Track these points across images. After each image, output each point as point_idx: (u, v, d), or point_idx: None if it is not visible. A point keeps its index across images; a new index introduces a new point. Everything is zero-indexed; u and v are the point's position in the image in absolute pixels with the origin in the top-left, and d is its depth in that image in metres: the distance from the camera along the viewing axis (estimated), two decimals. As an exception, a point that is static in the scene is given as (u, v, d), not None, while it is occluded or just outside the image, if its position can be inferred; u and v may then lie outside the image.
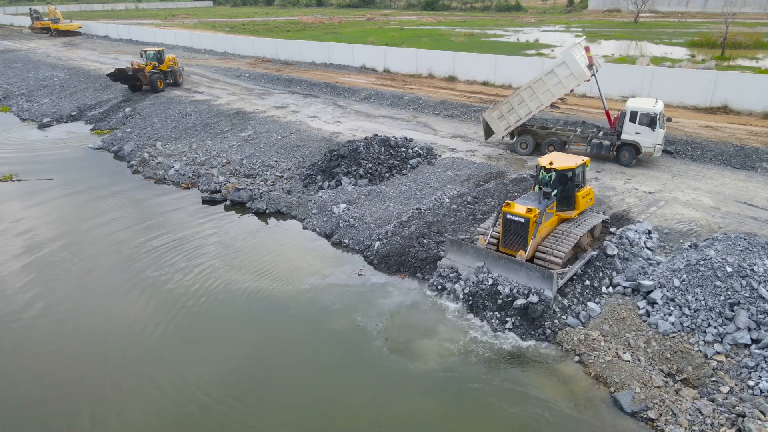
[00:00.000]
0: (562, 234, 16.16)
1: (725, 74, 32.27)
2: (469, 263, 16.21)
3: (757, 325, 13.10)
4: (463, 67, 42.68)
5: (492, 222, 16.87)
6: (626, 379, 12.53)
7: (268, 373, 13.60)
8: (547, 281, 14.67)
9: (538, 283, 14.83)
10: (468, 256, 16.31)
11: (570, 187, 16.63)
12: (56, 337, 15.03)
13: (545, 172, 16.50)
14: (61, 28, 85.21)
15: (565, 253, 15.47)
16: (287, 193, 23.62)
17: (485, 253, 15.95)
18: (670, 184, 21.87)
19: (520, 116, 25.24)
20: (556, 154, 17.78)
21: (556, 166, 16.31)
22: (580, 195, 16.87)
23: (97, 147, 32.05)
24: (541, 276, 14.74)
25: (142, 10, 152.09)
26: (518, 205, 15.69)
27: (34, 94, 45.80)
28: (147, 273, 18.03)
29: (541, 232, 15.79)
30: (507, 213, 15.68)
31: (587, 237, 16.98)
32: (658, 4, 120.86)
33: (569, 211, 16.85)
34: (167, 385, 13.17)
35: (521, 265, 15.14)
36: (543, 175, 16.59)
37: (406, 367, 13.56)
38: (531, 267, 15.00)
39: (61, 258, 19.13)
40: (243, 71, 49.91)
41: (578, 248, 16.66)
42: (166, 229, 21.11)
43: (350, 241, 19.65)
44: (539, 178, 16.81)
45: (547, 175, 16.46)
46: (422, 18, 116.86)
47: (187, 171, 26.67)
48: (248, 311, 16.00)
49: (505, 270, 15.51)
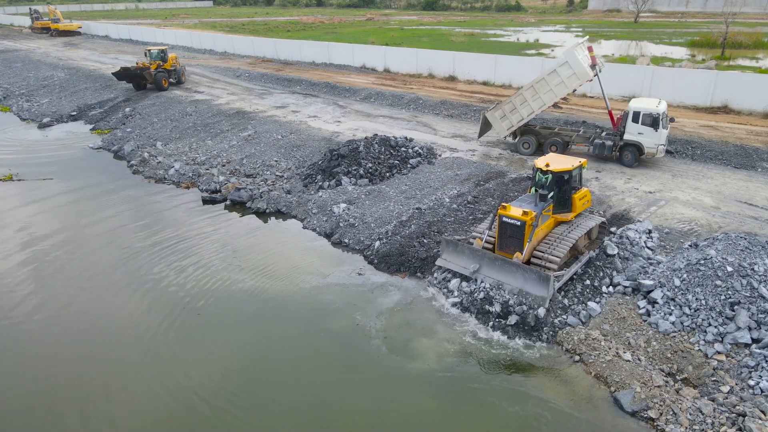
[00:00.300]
0: (558, 237, 15.89)
1: (725, 74, 32.27)
2: (465, 264, 15.97)
3: (757, 325, 13.10)
4: (464, 67, 42.68)
5: (488, 225, 16.67)
6: (627, 379, 12.52)
7: (266, 372, 13.58)
8: (543, 284, 14.47)
9: (534, 286, 14.62)
10: (464, 256, 16.06)
11: (566, 189, 16.40)
12: (53, 336, 15.02)
13: (541, 174, 16.26)
14: (61, 28, 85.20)
15: (561, 257, 15.23)
16: (287, 193, 23.61)
17: (481, 254, 15.71)
18: (670, 184, 21.86)
19: (522, 116, 25.17)
20: (553, 155, 17.58)
21: (553, 168, 16.07)
22: (576, 197, 16.64)
23: (97, 147, 32.04)
24: (538, 278, 14.53)
25: (142, 10, 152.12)
26: (514, 208, 15.51)
27: (34, 94, 45.79)
28: (146, 272, 18.01)
29: (537, 235, 15.57)
30: (503, 216, 15.47)
31: (584, 239, 16.74)
32: (658, 4, 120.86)
33: (566, 214, 16.60)
34: (166, 384, 13.14)
35: (517, 267, 14.92)
36: (539, 177, 16.35)
37: (406, 367, 13.55)
38: (527, 269, 14.78)
39: (60, 257, 19.12)
40: (243, 71, 49.91)
41: (575, 251, 16.44)
42: (165, 229, 21.10)
43: (350, 240, 19.64)
44: (535, 180, 16.62)
45: (543, 177, 16.21)
46: (422, 18, 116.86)
47: (188, 171, 26.67)
48: (247, 311, 15.99)
49: (501, 272, 15.28)
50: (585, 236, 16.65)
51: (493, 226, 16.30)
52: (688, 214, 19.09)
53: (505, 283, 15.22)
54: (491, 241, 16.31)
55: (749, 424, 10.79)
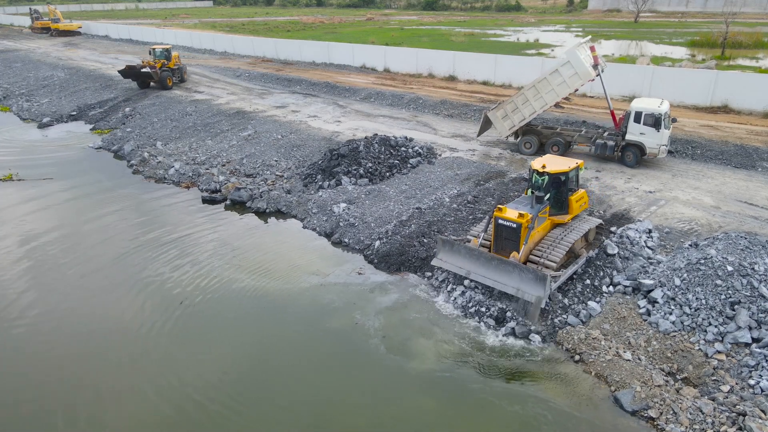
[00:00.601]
0: (555, 239, 15.77)
1: (725, 74, 32.23)
2: (461, 264, 15.78)
3: (757, 324, 13.08)
4: (464, 67, 42.65)
5: (483, 227, 16.50)
6: (627, 378, 12.51)
7: (265, 372, 13.57)
8: (540, 284, 14.31)
9: (531, 286, 14.46)
10: (459, 256, 15.85)
11: (563, 191, 16.27)
12: (50, 335, 14.98)
13: (538, 176, 16.05)
14: (61, 28, 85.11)
15: (558, 260, 15.12)
16: (287, 193, 23.60)
17: (477, 254, 15.48)
18: (670, 184, 21.85)
19: (524, 116, 25.10)
20: (550, 156, 17.42)
21: (549, 169, 15.88)
22: (573, 199, 16.47)
23: (97, 146, 32.03)
24: (535, 278, 14.37)
25: (142, 10, 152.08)
26: (510, 210, 15.34)
27: (34, 94, 45.78)
28: (145, 272, 17.99)
29: (533, 237, 15.44)
30: (498, 218, 15.27)
31: (581, 242, 16.61)
32: (658, 4, 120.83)
33: (563, 216, 16.49)
34: (160, 385, 13.10)
35: (514, 267, 14.73)
36: (535, 178, 16.17)
37: (405, 367, 13.53)
38: (524, 268, 14.58)
39: (59, 256, 19.09)
40: (243, 71, 49.89)
41: (571, 253, 16.26)
42: (165, 228, 21.08)
43: (350, 240, 19.63)
44: (532, 182, 16.44)
45: (539, 179, 16.00)
46: (422, 18, 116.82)
47: (187, 170, 26.66)
48: (247, 310, 15.97)
49: (497, 272, 15.05)
50: (582, 239, 16.52)
51: (488, 228, 16.15)
52: (688, 213, 19.07)
53: (500, 284, 14.97)
54: (487, 244, 16.17)
55: (749, 423, 10.78)
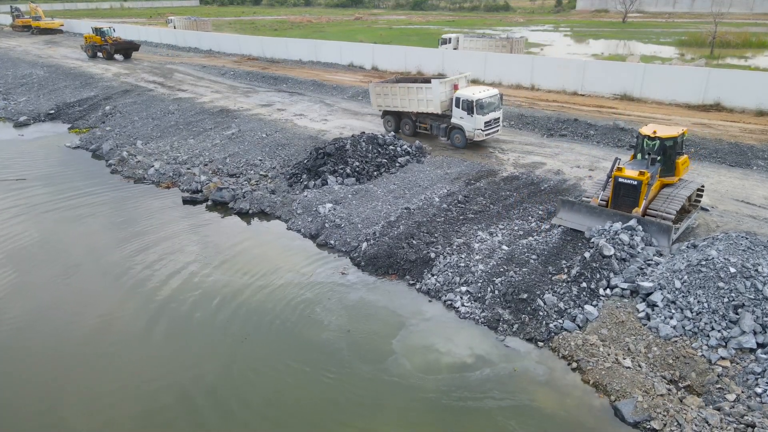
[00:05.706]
0: (669, 196, 17.28)
1: (717, 71, 31.82)
2: (582, 221, 17.42)
3: (762, 329, 12.46)
4: (453, 65, 41.99)
5: (602, 186, 17.97)
6: (627, 387, 11.84)
7: (247, 377, 12.74)
8: (664, 234, 15.98)
9: (656, 236, 16.12)
10: (580, 214, 17.57)
11: (671, 154, 17.68)
12: (27, 338, 14.08)
13: (649, 140, 17.52)
14: (42, 26, 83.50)
15: (675, 212, 16.60)
16: (271, 193, 22.73)
17: (599, 211, 17.18)
18: (665, 182, 21.32)
19: (388, 104, 28.18)
20: (656, 125, 18.43)
21: (660, 134, 17.32)
22: (680, 162, 17.89)
23: (74, 146, 30.87)
24: (659, 229, 16.10)
25: (127, 9, 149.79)
26: (629, 170, 17.02)
27: (11, 92, 44.38)
28: (122, 276, 17.06)
29: (648, 195, 16.99)
30: (618, 177, 16.97)
31: (687, 200, 17.93)
32: (645, 4, 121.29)
33: (671, 177, 17.91)
34: (138, 389, 12.36)
35: (638, 221, 16.40)
36: (647, 143, 17.67)
37: (395, 374, 12.77)
38: (647, 221, 16.33)
39: (34, 260, 18.10)
40: (228, 69, 48.87)
41: (682, 210, 17.65)
42: (143, 231, 20.12)
43: (336, 242, 18.82)
44: (642, 147, 17.89)
45: (650, 143, 17.49)
46: (411, 17, 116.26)
47: (168, 170, 25.68)
48: (227, 314, 15.11)
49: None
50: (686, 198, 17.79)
51: (606, 187, 17.70)
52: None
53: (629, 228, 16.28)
54: (604, 201, 17.65)
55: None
